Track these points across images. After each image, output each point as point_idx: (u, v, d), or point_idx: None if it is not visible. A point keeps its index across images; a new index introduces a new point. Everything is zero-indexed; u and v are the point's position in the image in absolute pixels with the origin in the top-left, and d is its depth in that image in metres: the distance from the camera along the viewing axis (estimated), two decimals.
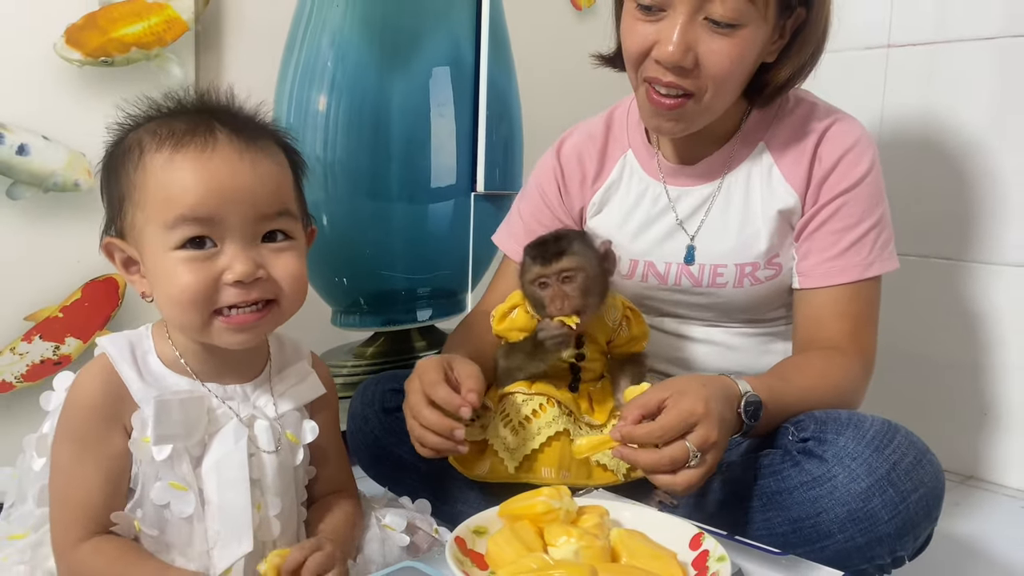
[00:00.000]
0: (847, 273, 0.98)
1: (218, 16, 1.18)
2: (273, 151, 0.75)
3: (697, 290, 1.05)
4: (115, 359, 0.73)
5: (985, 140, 1.45)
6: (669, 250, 1.06)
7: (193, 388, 0.74)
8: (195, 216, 0.69)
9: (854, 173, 0.99)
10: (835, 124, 1.01)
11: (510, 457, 0.92)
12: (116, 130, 0.75)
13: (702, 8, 0.90)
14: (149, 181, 0.70)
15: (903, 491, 0.81)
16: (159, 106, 0.75)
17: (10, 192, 1.04)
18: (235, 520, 0.72)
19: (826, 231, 0.99)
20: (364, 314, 1.41)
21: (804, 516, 0.84)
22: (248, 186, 0.70)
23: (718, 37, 0.91)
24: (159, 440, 0.71)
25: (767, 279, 1.03)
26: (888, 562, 0.84)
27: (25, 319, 1.07)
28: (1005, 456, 1.47)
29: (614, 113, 1.15)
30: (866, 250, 0.99)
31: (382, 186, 1.38)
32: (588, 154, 1.12)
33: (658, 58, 0.92)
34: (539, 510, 0.70)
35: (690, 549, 0.70)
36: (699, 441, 0.78)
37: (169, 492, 0.71)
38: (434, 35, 1.41)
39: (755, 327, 1.07)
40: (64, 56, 1.05)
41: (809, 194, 1.00)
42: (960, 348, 1.51)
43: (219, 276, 0.70)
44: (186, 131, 0.71)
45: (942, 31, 1.49)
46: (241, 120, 0.74)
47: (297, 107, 1.28)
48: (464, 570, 0.64)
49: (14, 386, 1.06)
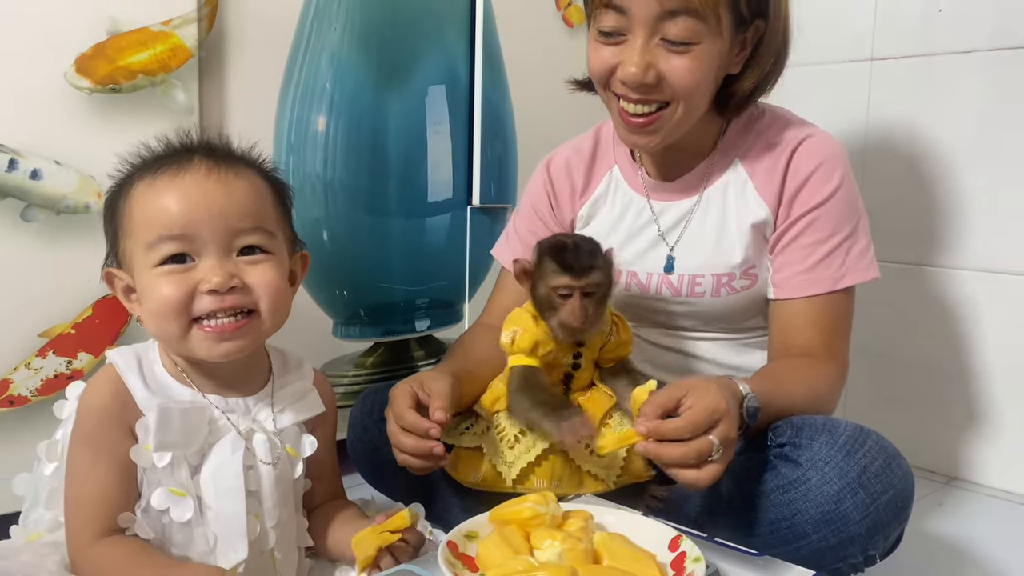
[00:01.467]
0: (819, 285, 1.02)
1: (220, 42, 1.22)
2: (247, 174, 0.79)
3: (677, 299, 1.09)
4: (121, 369, 0.78)
5: (969, 151, 1.49)
6: (651, 261, 1.11)
7: (195, 399, 0.78)
8: (171, 234, 0.74)
9: (825, 188, 1.03)
10: (807, 140, 1.05)
11: (508, 471, 0.95)
12: (117, 174, 0.81)
13: (657, 30, 0.95)
14: (134, 208, 0.77)
15: (873, 493, 0.85)
16: (156, 154, 0.81)
17: (24, 215, 1.09)
18: (231, 527, 0.76)
19: (798, 245, 1.03)
20: (364, 325, 1.45)
21: (780, 518, 0.88)
22: (218, 201, 0.75)
23: (675, 56, 0.96)
24: (160, 447, 0.75)
25: (743, 289, 1.07)
26: (860, 561, 0.89)
27: (39, 336, 1.11)
28: (988, 457, 1.51)
29: (601, 130, 1.20)
30: (837, 263, 1.02)
31: (381, 202, 1.43)
32: (576, 168, 1.18)
33: (623, 79, 0.98)
34: (526, 515, 0.75)
35: (669, 551, 0.74)
36: (722, 436, 0.80)
37: (169, 498, 0.75)
38: (429, 55, 1.46)
39: (733, 336, 1.11)
40: (74, 84, 1.10)
41: (781, 208, 1.04)
42: (945, 352, 1.54)
43: (196, 286, 0.74)
44: (164, 159, 0.78)
45: (926, 44, 1.53)
46: (219, 150, 0.80)
47: (297, 128, 1.32)
48: (455, 572, 0.68)
49: (29, 400, 1.11)
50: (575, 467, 0.96)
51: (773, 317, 1.06)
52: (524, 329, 0.96)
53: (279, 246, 0.80)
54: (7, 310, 1.08)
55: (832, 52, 1.64)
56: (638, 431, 0.81)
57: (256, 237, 0.77)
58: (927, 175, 1.54)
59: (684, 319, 1.11)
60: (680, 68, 0.96)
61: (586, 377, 1.02)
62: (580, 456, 0.96)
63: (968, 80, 1.48)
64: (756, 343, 1.12)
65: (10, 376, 1.09)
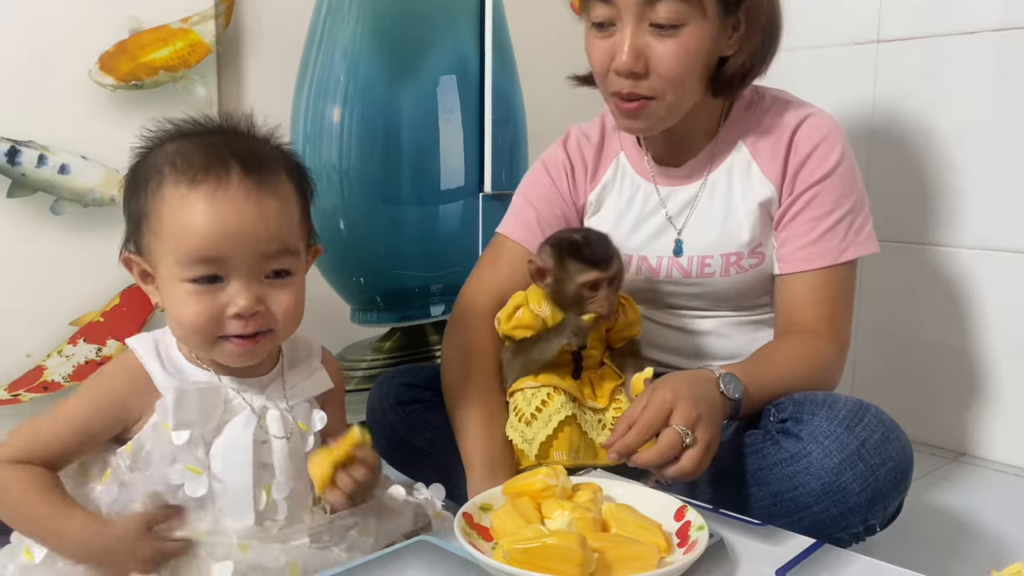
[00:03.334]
0: (823, 258, 1.05)
1: (237, 38, 1.26)
2: (280, 184, 0.79)
3: (687, 281, 1.12)
4: (140, 354, 0.81)
5: (977, 132, 1.50)
6: (660, 245, 1.13)
7: (211, 380, 0.82)
8: (204, 257, 0.75)
9: (826, 164, 1.05)
10: (807, 119, 1.07)
11: (529, 447, 0.98)
12: (139, 149, 0.80)
13: (645, 15, 0.98)
14: (164, 212, 0.76)
15: (872, 465, 0.88)
16: (179, 128, 0.80)
17: (54, 208, 1.13)
18: (238, 498, 0.79)
19: (802, 219, 1.06)
20: (380, 311, 1.49)
21: (783, 490, 0.92)
22: (252, 229, 0.76)
23: (664, 39, 0.98)
24: (178, 426, 0.78)
25: (751, 267, 1.10)
26: (861, 530, 0.92)
27: (70, 324, 1.16)
28: (994, 433, 1.53)
29: (606, 117, 1.21)
30: (839, 236, 1.05)
31: (395, 190, 1.46)
32: (587, 153, 1.20)
33: (615, 68, 1.00)
34: (538, 487, 0.78)
35: (675, 520, 0.78)
36: (682, 420, 0.85)
37: (185, 474, 0.78)
38: (440, 46, 1.49)
39: (743, 314, 1.14)
40: (98, 81, 1.14)
41: (785, 185, 1.07)
42: (951, 330, 1.56)
43: (224, 308, 0.77)
44: (202, 166, 0.75)
45: (933, 25, 1.53)
46: (254, 153, 0.78)
47: (313, 119, 1.36)
48: (471, 541, 0.71)
49: (63, 385, 1.16)
50: (590, 439, 1.00)
51: (777, 294, 1.09)
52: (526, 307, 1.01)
53: (301, 263, 0.83)
54: (40, 300, 1.13)
55: (838, 34, 1.65)
56: (610, 457, 0.87)
57: (283, 261, 0.79)
58: (934, 155, 1.55)
59: (694, 300, 1.14)
60: (666, 54, 0.99)
61: (596, 356, 1.05)
62: (594, 429, 1.00)
63: (975, 61, 1.49)
64: (764, 321, 1.14)
65: (44, 363, 1.14)
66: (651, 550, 0.70)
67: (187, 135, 0.81)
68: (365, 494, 0.83)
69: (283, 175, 0.81)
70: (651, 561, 0.69)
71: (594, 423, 1.00)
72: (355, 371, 1.46)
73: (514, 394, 1.03)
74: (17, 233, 1.11)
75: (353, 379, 1.46)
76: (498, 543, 0.72)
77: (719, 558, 0.74)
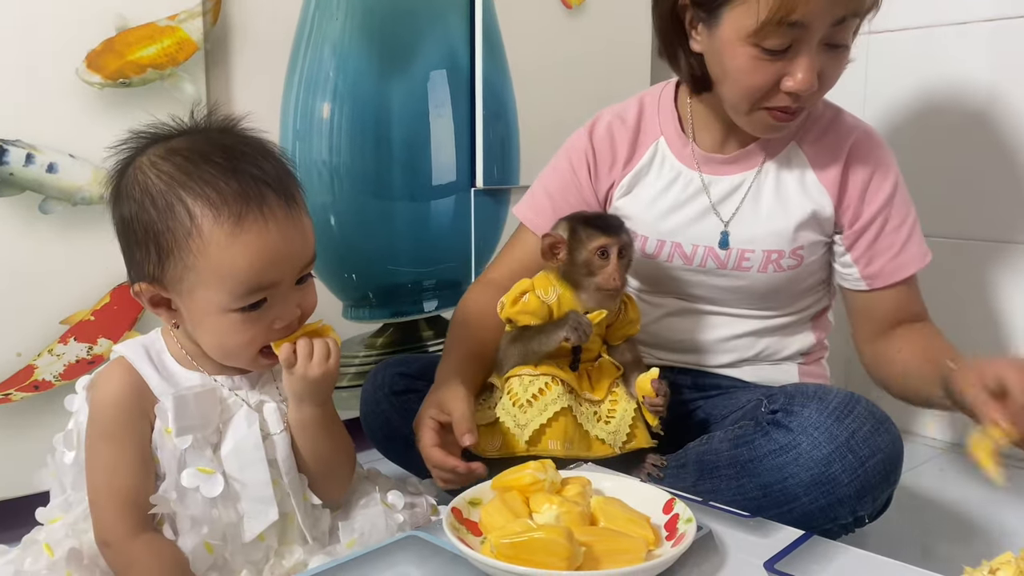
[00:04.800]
0: (911, 266, 1.09)
1: (225, 35, 1.26)
2: (299, 196, 0.81)
3: (721, 272, 1.11)
4: (134, 360, 0.82)
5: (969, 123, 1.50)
6: (699, 232, 1.11)
7: (204, 382, 0.82)
8: (254, 289, 0.77)
9: (889, 181, 1.08)
10: (861, 135, 1.09)
11: (521, 433, 0.98)
12: (122, 156, 0.79)
13: (825, 37, 0.94)
14: (211, 252, 0.75)
15: (861, 456, 0.88)
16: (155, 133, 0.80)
17: (42, 207, 1.13)
18: (259, 495, 0.80)
19: (885, 235, 1.08)
20: (373, 307, 1.49)
21: (773, 481, 0.92)
22: (297, 250, 0.79)
23: (833, 56, 0.97)
24: (180, 432, 0.78)
25: (789, 268, 1.09)
26: (850, 522, 0.92)
27: (61, 323, 1.16)
28: None
29: (645, 99, 1.18)
30: (917, 242, 1.10)
31: (386, 186, 1.46)
32: (620, 137, 1.16)
33: (793, 90, 0.96)
34: (526, 481, 0.78)
35: (663, 513, 0.78)
36: None
37: (198, 477, 0.79)
38: (430, 40, 1.48)
39: (765, 314, 1.14)
40: (86, 80, 1.13)
41: (848, 203, 1.08)
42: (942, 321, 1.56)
43: (270, 325, 0.79)
44: (238, 198, 0.75)
45: (925, 16, 1.54)
46: (276, 173, 0.79)
47: (303, 116, 1.36)
48: (460, 536, 0.71)
49: (53, 384, 1.16)
50: (584, 431, 1.00)
51: (874, 305, 1.11)
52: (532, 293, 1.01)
53: None
54: (30, 299, 1.13)
55: None
56: None
57: (311, 266, 0.83)
58: (925, 147, 1.55)
59: (721, 292, 1.13)
60: (834, 70, 0.98)
61: (594, 349, 1.05)
62: (589, 421, 1.00)
63: (968, 52, 1.49)
64: (783, 325, 1.15)
65: (34, 362, 1.14)
66: (639, 543, 0.71)
67: (168, 138, 0.80)
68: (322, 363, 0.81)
69: (299, 186, 0.82)
70: (639, 554, 0.69)
71: (590, 415, 1.01)
72: (348, 367, 1.46)
73: (510, 379, 1.02)
74: (5, 232, 1.10)
75: (346, 375, 1.46)
76: (487, 538, 0.72)
77: (708, 550, 0.75)
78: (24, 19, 1.09)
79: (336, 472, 0.88)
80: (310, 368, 0.79)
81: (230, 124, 0.83)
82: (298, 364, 0.79)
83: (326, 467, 0.86)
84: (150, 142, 0.80)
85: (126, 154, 0.80)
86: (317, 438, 0.84)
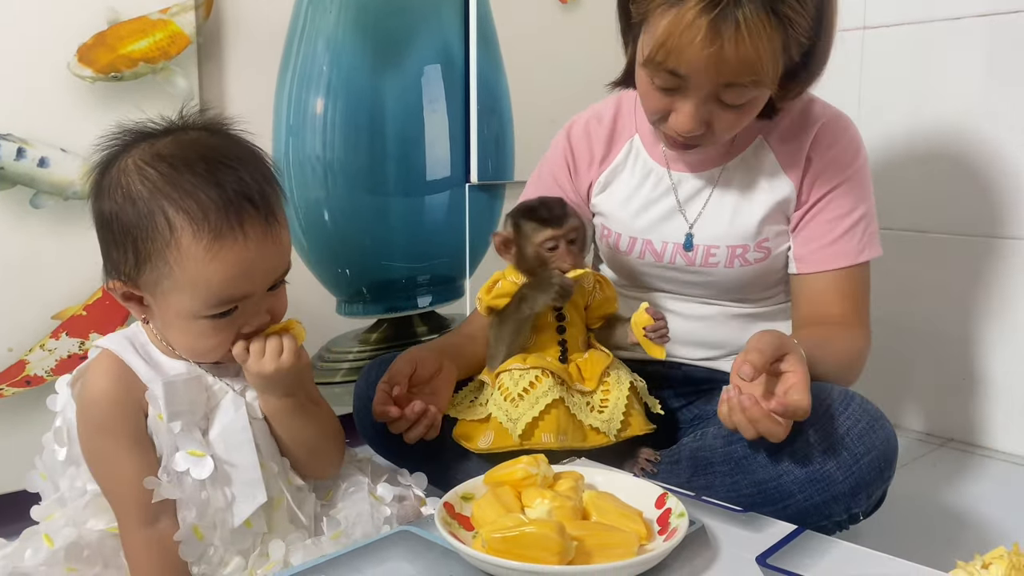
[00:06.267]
0: (841, 259, 1.06)
1: (218, 29, 1.25)
2: (281, 210, 0.81)
3: (690, 269, 1.12)
4: (120, 352, 0.82)
5: (963, 118, 1.50)
6: (667, 231, 1.12)
7: (190, 370, 0.83)
8: (229, 300, 0.78)
9: (845, 168, 1.06)
10: (829, 121, 1.08)
11: (513, 427, 0.98)
12: (105, 152, 0.79)
13: (713, 94, 0.94)
14: (187, 265, 0.76)
15: (856, 454, 0.88)
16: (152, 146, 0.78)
17: (33, 202, 1.12)
18: (248, 477, 0.81)
19: (821, 220, 1.07)
20: (367, 303, 1.49)
21: (767, 478, 0.92)
22: (273, 264, 0.80)
23: (727, 112, 0.96)
24: (171, 417, 0.79)
25: (756, 261, 1.10)
26: (845, 519, 0.92)
27: (52, 318, 1.15)
28: (981, 419, 1.53)
29: (622, 98, 1.19)
30: (856, 238, 1.07)
31: (380, 181, 1.46)
32: (597, 135, 1.18)
33: (674, 127, 0.97)
34: (519, 476, 0.78)
35: (655, 508, 0.78)
36: None
37: (188, 459, 0.79)
38: (424, 35, 1.48)
39: (743, 306, 1.14)
40: (77, 74, 1.13)
41: (804, 186, 1.07)
42: (938, 317, 1.57)
43: (238, 329, 0.80)
44: (219, 215, 0.75)
45: (919, 12, 1.54)
46: (259, 186, 0.78)
47: (296, 110, 1.35)
48: (452, 531, 0.71)
49: (45, 379, 1.15)
50: (578, 421, 1.00)
51: (798, 291, 1.10)
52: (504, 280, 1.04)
53: None
54: (21, 294, 1.12)
55: None
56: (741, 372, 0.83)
57: (284, 275, 0.83)
58: (920, 142, 1.55)
59: (695, 288, 1.14)
60: (730, 121, 0.97)
61: (578, 336, 1.06)
62: (583, 411, 1.00)
63: (962, 47, 1.49)
64: (762, 313, 1.15)
65: (26, 357, 1.13)
66: (631, 537, 0.70)
67: (153, 136, 0.79)
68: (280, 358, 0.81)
69: (277, 191, 0.82)
70: (631, 548, 0.69)
71: (582, 405, 1.01)
72: (342, 363, 1.46)
73: (500, 375, 1.02)
74: None
75: (340, 371, 1.46)
76: (479, 532, 0.72)
77: (700, 545, 0.74)
78: (15, 13, 1.08)
79: (320, 453, 0.89)
80: (262, 364, 0.80)
81: (218, 125, 0.83)
82: (250, 361, 0.81)
83: (307, 450, 0.87)
84: (136, 140, 0.80)
85: (111, 150, 0.80)
86: (292, 426, 0.85)
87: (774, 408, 0.83)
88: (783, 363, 0.86)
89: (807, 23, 0.91)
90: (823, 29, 0.95)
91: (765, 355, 0.84)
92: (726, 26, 0.87)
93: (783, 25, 0.89)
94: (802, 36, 0.91)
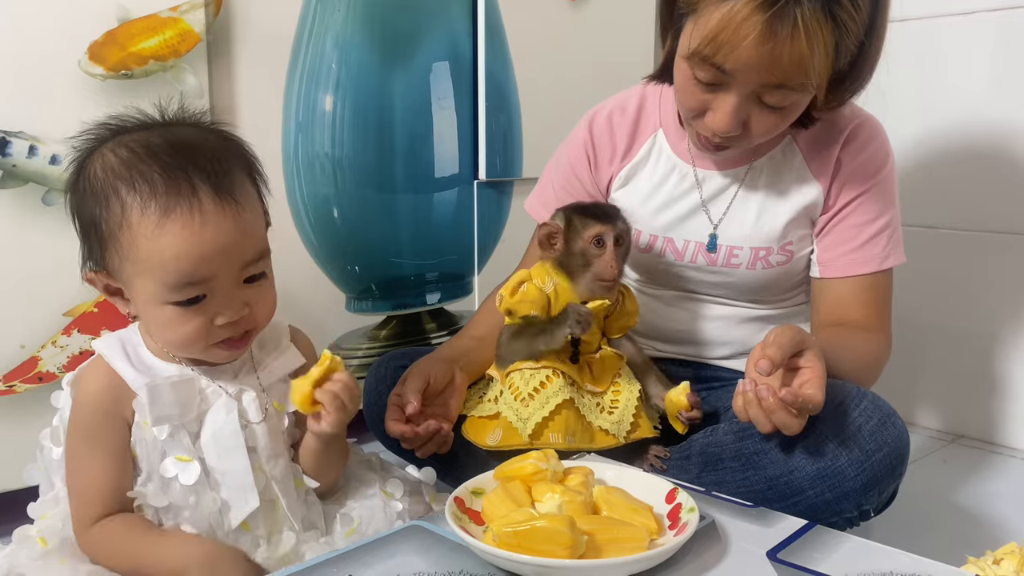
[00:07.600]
0: (866, 265, 1.06)
1: (227, 27, 1.25)
2: (246, 191, 0.80)
3: (711, 268, 1.11)
4: (108, 357, 0.82)
5: (974, 113, 1.49)
6: (690, 229, 1.11)
7: (183, 372, 0.83)
8: (188, 283, 0.76)
9: (875, 173, 1.06)
10: (861, 124, 1.07)
11: (523, 427, 0.98)
12: (79, 146, 0.79)
13: (755, 93, 0.93)
14: (139, 243, 0.75)
15: (868, 450, 0.88)
16: (118, 126, 0.80)
17: (45, 199, 1.13)
18: (239, 482, 0.80)
19: (847, 225, 1.06)
20: (376, 300, 1.49)
21: (778, 474, 0.92)
22: (233, 245, 0.77)
23: (766, 112, 0.94)
24: (157, 421, 0.79)
25: (779, 264, 1.09)
26: (855, 515, 0.92)
27: (64, 315, 1.16)
28: (992, 415, 1.53)
29: (647, 90, 1.17)
30: (882, 244, 1.06)
31: (389, 178, 1.46)
32: (620, 128, 1.16)
33: (708, 126, 0.96)
34: (529, 471, 0.78)
35: (666, 503, 0.78)
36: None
37: (176, 465, 0.80)
38: (432, 32, 1.48)
39: (757, 307, 1.14)
40: (88, 71, 1.13)
41: (832, 190, 1.07)
42: (949, 313, 1.56)
43: (211, 320, 0.78)
44: (168, 191, 0.74)
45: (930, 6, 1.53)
46: (215, 163, 0.77)
47: (305, 108, 1.35)
48: (462, 526, 0.71)
49: (57, 376, 1.16)
50: (587, 423, 0.99)
51: (819, 295, 1.09)
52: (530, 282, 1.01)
53: (270, 259, 0.84)
54: (34, 291, 1.13)
55: None
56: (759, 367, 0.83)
57: (260, 264, 0.81)
58: (930, 137, 1.55)
59: (715, 288, 1.13)
60: (769, 123, 0.95)
61: (593, 342, 1.05)
62: (592, 412, 1.00)
63: (973, 42, 1.48)
64: (780, 315, 1.14)
65: (38, 354, 1.14)
66: (641, 532, 0.71)
67: (127, 131, 0.80)
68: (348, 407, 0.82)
69: (245, 178, 0.81)
70: (641, 543, 0.69)
71: (592, 406, 1.00)
72: (351, 359, 1.46)
73: (511, 373, 1.02)
74: (9, 224, 1.10)
75: (349, 368, 1.46)
76: (489, 527, 0.72)
77: (710, 540, 0.74)
78: (25, 11, 1.08)
79: (331, 471, 0.90)
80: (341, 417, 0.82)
81: (199, 119, 0.83)
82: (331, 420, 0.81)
83: (323, 467, 0.88)
84: (112, 134, 0.80)
85: (86, 145, 0.80)
86: (329, 451, 0.87)
87: (784, 396, 0.82)
88: (801, 358, 0.85)
89: (859, 31, 0.90)
90: (873, 39, 0.94)
91: (784, 350, 0.83)
92: (783, 24, 0.84)
93: (838, 29, 0.87)
94: (852, 44, 0.90)
